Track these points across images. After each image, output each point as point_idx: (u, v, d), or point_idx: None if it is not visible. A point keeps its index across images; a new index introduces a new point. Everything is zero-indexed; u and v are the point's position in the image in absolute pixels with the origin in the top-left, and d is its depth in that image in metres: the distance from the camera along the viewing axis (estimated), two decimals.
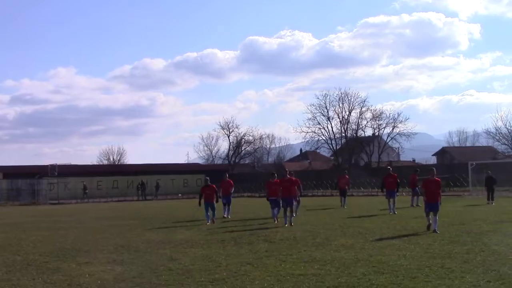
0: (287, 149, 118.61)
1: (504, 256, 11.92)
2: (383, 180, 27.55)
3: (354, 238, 16.23)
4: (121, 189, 67.75)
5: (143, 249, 15.25)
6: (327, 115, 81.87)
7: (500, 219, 20.75)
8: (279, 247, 14.82)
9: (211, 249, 14.89)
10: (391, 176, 26.77)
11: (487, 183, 33.29)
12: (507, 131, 67.93)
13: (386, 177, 27.08)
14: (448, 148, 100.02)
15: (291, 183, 21.56)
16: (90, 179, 67.71)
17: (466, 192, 43.34)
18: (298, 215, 25.01)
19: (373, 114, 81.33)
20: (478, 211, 25.72)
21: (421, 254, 12.53)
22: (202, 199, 23.71)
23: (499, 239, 14.86)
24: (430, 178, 18.02)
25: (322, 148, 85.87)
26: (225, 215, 25.68)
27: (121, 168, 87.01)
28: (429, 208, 17.51)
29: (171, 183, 71.44)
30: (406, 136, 79.48)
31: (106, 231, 21.67)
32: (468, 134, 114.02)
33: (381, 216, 24.27)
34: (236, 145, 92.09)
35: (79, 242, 17.54)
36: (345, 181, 33.28)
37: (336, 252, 13.42)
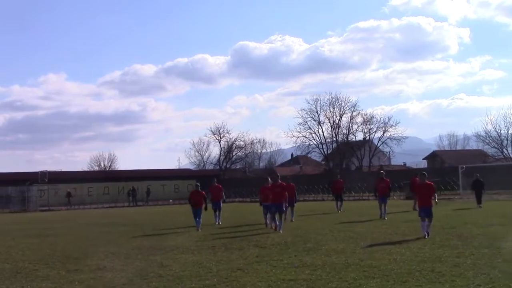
0: (278, 154, 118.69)
1: (494, 259, 11.94)
2: (375, 185, 27.31)
3: (344, 242, 16.22)
4: (112, 195, 67.55)
5: (134, 256, 15.19)
6: (318, 119, 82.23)
7: (490, 223, 20.79)
8: (270, 252, 14.79)
9: (202, 255, 14.84)
10: (384, 181, 26.45)
11: (474, 187, 33.07)
12: (496, 135, 68.33)
13: (378, 182, 26.78)
14: (439, 152, 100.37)
15: (283, 189, 21.19)
16: (80, 186, 67.56)
17: (456, 195, 43.47)
18: (293, 220, 25.08)
19: (364, 118, 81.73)
20: (468, 215, 25.77)
21: (412, 258, 12.53)
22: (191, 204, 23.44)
23: (489, 242, 14.87)
24: (422, 182, 17.75)
25: (313, 152, 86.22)
26: (216, 222, 25.38)
27: (112, 174, 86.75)
28: (424, 213, 17.01)
29: (162, 188, 71.27)
30: (396, 140, 79.88)
31: (97, 237, 21.60)
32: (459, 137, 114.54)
33: (372, 220, 24.26)
34: (227, 150, 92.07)
35: (69, 249, 17.46)
36: (339, 185, 32.97)
37: (327, 257, 13.40)
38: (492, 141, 69.02)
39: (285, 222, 24.11)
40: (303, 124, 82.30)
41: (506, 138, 68.05)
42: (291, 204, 25.55)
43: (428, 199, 17.30)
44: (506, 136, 68.09)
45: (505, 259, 11.95)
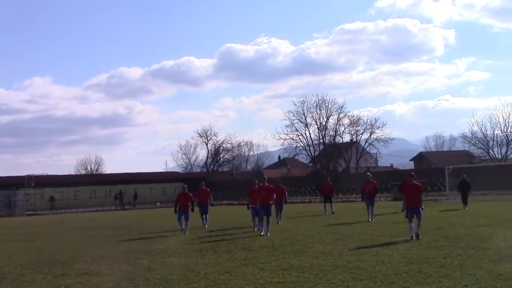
0: (266, 156, 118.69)
1: (481, 260, 11.99)
2: (362, 187, 27.04)
3: (332, 244, 16.24)
4: (99, 199, 67.25)
5: (121, 259, 15.12)
6: (305, 121, 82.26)
7: (476, 223, 20.89)
8: (257, 255, 14.78)
9: (189, 258, 14.80)
10: (371, 183, 26.32)
11: (461, 188, 32.93)
12: (482, 136, 68.63)
13: (365, 184, 26.58)
14: (425, 153, 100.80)
15: (270, 191, 21.19)
16: (67, 189, 67.18)
17: (443, 196, 43.65)
18: (281, 223, 24.95)
19: (351, 120, 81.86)
20: (455, 216, 25.88)
21: (399, 260, 12.56)
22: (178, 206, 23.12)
23: (476, 243, 14.94)
24: (409, 182, 17.66)
25: (300, 154, 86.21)
26: (204, 225, 25.19)
27: (99, 177, 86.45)
28: (411, 213, 16.92)
29: (150, 192, 71.06)
30: (383, 141, 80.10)
31: (83, 241, 21.50)
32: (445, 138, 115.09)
33: (359, 222, 24.30)
34: (214, 153, 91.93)
35: (55, 254, 17.35)
36: (329, 187, 32.84)
37: (314, 259, 13.41)
38: (478, 142, 69.38)
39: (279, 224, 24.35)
40: (290, 126, 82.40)
41: (492, 139, 68.43)
42: (280, 207, 25.54)
43: (416, 200, 17.12)
44: (491, 137, 68.50)
45: (492, 259, 12.00)
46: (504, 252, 12.97)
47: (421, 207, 17.27)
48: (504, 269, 10.75)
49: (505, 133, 67.29)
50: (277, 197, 25.21)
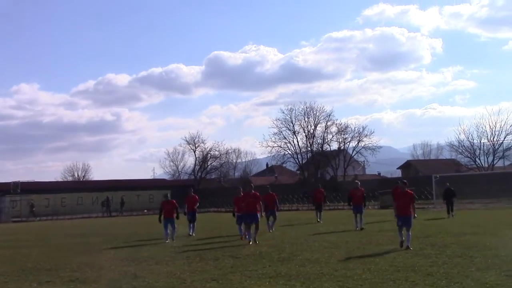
0: (254, 163, 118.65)
1: (467, 268, 12.03)
2: (350, 194, 26.33)
3: (319, 252, 16.24)
4: (86, 206, 66.90)
5: (107, 267, 15.05)
6: (293, 129, 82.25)
7: (463, 232, 20.96)
8: (244, 262, 14.75)
9: (176, 265, 14.76)
10: (359, 190, 25.74)
11: (445, 196, 32.74)
12: (469, 144, 68.90)
13: (353, 191, 25.97)
14: (413, 161, 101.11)
15: (256, 199, 20.69)
16: (54, 196, 66.80)
17: (430, 205, 43.77)
18: (272, 230, 24.84)
19: (338, 128, 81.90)
20: (441, 224, 25.98)
21: (386, 268, 12.58)
22: (162, 215, 22.81)
23: (462, 251, 15.00)
24: (400, 190, 17.29)
25: (288, 162, 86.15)
26: (191, 233, 24.94)
27: (86, 184, 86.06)
28: (402, 222, 16.45)
29: (137, 199, 70.81)
30: (371, 149, 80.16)
31: (70, 249, 21.39)
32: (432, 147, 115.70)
33: (347, 230, 24.33)
34: (202, 160, 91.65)
35: (41, 261, 17.23)
36: (320, 194, 32.33)
37: (301, 267, 13.40)
38: (465, 150, 69.61)
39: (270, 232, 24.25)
40: (278, 134, 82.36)
41: (479, 147, 68.70)
42: (273, 214, 25.27)
43: (408, 208, 16.70)
44: (478, 145, 68.77)
45: (478, 268, 12.04)
46: (490, 260, 13.01)
47: (414, 215, 16.99)
48: (490, 278, 10.80)
49: (491, 142, 67.61)
50: (269, 205, 25.32)
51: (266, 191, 26.42)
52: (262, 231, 21.45)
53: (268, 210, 25.22)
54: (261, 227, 20.87)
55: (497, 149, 67.50)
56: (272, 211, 25.26)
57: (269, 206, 25.38)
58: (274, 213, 25.35)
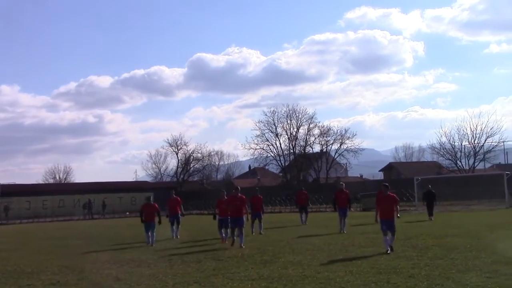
0: (236, 166, 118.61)
1: (448, 270, 12.11)
2: (335, 197, 25.78)
3: (301, 254, 16.26)
4: (67, 208, 66.42)
5: (89, 270, 14.96)
6: (276, 131, 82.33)
7: (444, 233, 21.08)
8: (226, 265, 14.74)
9: (158, 268, 14.71)
10: (344, 193, 25.29)
11: (426, 198, 32.61)
12: (451, 147, 69.35)
13: (338, 194, 25.46)
14: (395, 164, 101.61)
15: (242, 202, 20.11)
16: (35, 199, 66.30)
17: (412, 207, 44.00)
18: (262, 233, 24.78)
19: (321, 130, 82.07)
20: (423, 226, 26.12)
21: (368, 270, 12.62)
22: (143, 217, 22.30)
23: (444, 253, 15.10)
24: (383, 193, 16.70)
25: (270, 164, 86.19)
26: (174, 236, 24.57)
27: (68, 187, 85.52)
28: (386, 226, 16.10)
29: (119, 201, 70.46)
30: (353, 152, 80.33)
31: (51, 251, 21.23)
32: (414, 149, 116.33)
33: (329, 232, 24.37)
34: (185, 162, 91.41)
35: (21, 264, 17.09)
36: (304, 196, 32.05)
37: (283, 269, 13.41)
38: (447, 153, 70.02)
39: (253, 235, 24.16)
40: (260, 136, 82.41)
41: (460, 150, 69.18)
42: (259, 217, 25.42)
43: (391, 212, 16.24)
44: (459, 148, 69.25)
45: (459, 270, 12.12)
46: (471, 262, 13.11)
47: (397, 215, 16.51)
48: (471, 280, 10.87)
49: (472, 145, 68.14)
50: (256, 207, 25.56)
51: (254, 193, 26.51)
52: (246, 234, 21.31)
53: (254, 212, 25.37)
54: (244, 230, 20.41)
55: (478, 151, 68.03)
56: (259, 214, 25.36)
57: (256, 209, 25.54)
58: (260, 215, 25.47)
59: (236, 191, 20.66)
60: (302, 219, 31.06)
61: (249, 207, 22.63)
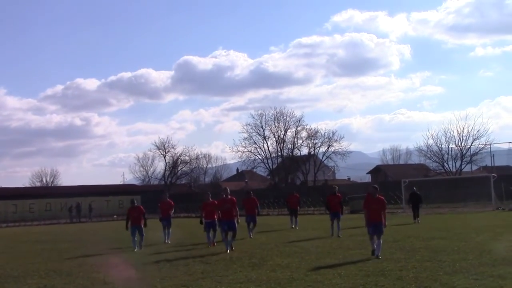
0: (224, 168, 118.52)
1: (436, 272, 12.14)
2: (327, 200, 24.92)
3: (290, 257, 16.26)
4: (54, 212, 66.23)
5: (76, 273, 14.88)
6: (263, 134, 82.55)
7: (431, 236, 21.16)
8: (215, 268, 14.71)
9: (146, 271, 14.66)
10: (336, 196, 24.37)
11: (411, 200, 32.34)
12: (438, 149, 69.67)
13: (331, 197, 24.52)
14: (382, 166, 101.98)
15: (233, 204, 19.35)
16: (22, 202, 65.98)
17: (399, 209, 44.13)
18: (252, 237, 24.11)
19: (308, 133, 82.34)
20: (410, 228, 26.20)
21: (356, 272, 12.63)
22: (129, 222, 21.61)
23: (431, 255, 15.14)
24: (372, 196, 16.22)
25: (258, 167, 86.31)
26: (166, 240, 23.73)
27: (54, 190, 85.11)
28: (373, 229, 15.61)
29: (106, 204, 70.25)
30: (341, 154, 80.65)
31: (38, 255, 21.11)
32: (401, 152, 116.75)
33: (317, 235, 24.40)
34: (172, 165, 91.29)
35: (8, 268, 16.99)
36: (295, 199, 31.20)
37: (272, 272, 13.40)
38: (434, 155, 70.35)
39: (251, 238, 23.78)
40: (248, 139, 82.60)
41: (447, 152, 69.52)
42: (253, 220, 25.01)
43: (378, 215, 15.72)
44: (446, 150, 69.58)
45: (446, 272, 12.16)
46: (458, 264, 13.16)
47: (384, 224, 15.85)
48: (458, 282, 10.92)
49: (459, 147, 68.46)
50: (250, 209, 25.17)
51: (248, 195, 26.09)
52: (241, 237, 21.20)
53: (248, 215, 25.03)
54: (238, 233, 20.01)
55: (464, 154, 68.38)
56: (253, 216, 24.98)
57: (249, 211, 25.16)
58: (254, 218, 25.08)
59: (226, 192, 19.72)
60: (291, 223, 30.38)
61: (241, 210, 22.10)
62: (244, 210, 25.18)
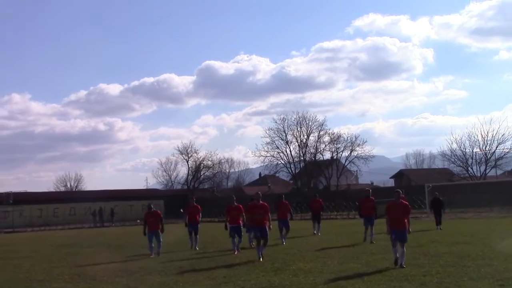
0: (246, 173, 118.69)
1: (460, 278, 12.03)
2: (360, 204, 24.22)
3: (312, 262, 16.22)
4: (78, 216, 66.64)
5: (100, 278, 14.97)
6: (286, 139, 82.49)
7: (456, 241, 20.98)
8: (237, 273, 14.71)
9: (168, 276, 14.70)
10: (370, 200, 23.50)
11: (433, 206, 31.22)
12: (462, 154, 69.12)
13: (364, 201, 23.77)
14: (405, 171, 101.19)
15: (265, 210, 18.24)
16: (46, 206, 66.55)
17: (423, 214, 43.82)
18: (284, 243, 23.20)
19: (331, 137, 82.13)
20: (434, 233, 26.01)
21: (379, 278, 12.57)
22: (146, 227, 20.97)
23: (455, 260, 15.01)
24: (395, 201, 15.31)
25: (281, 172, 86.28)
26: (194, 247, 22.87)
27: (78, 194, 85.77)
28: (395, 236, 14.69)
29: (130, 209, 70.56)
30: (364, 159, 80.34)
31: (62, 259, 21.28)
32: (425, 156, 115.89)
33: (340, 239, 24.31)
34: (195, 170, 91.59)
35: (33, 271, 17.17)
36: (318, 204, 29.83)
37: (294, 276, 13.38)
38: (458, 159, 69.84)
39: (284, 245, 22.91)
40: (270, 144, 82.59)
41: (471, 157, 68.95)
42: (286, 225, 24.14)
43: (402, 221, 14.82)
44: (471, 155, 69.02)
45: (471, 277, 12.05)
46: (483, 270, 13.02)
47: (409, 230, 14.97)
48: (483, 287, 10.80)
49: (483, 151, 67.87)
50: (282, 214, 24.44)
51: (279, 199, 25.21)
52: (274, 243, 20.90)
53: (280, 220, 24.30)
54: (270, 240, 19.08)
55: (489, 158, 67.81)
56: (285, 221, 24.20)
57: (281, 215, 24.49)
58: (287, 223, 24.27)
59: (258, 197, 18.68)
60: (314, 229, 29.13)
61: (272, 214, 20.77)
62: (276, 214, 24.38)
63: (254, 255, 18.59)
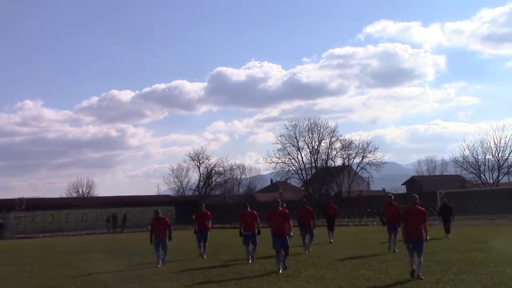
0: (258, 179, 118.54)
1: (473, 285, 11.99)
2: (383, 210, 22.99)
3: (324, 268, 16.19)
4: (90, 222, 66.85)
5: (111, 284, 15.03)
6: (297, 145, 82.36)
7: (468, 248, 20.87)
8: (249, 280, 14.71)
9: (180, 282, 14.73)
10: (393, 206, 22.22)
11: (441, 213, 29.91)
12: (474, 160, 68.75)
13: (387, 207, 22.43)
14: (417, 177, 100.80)
15: (286, 218, 17.14)
16: (58, 212, 66.81)
17: (435, 221, 43.59)
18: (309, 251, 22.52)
19: (343, 144, 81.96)
20: (446, 240, 25.89)
21: (391, 285, 12.54)
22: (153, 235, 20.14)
23: (468, 268, 14.94)
24: (411, 207, 14.50)
25: (292, 178, 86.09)
26: (202, 255, 22.12)
27: (91, 200, 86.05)
28: (412, 245, 13.91)
29: (141, 215, 70.62)
30: (375, 165, 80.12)
31: (74, 265, 21.36)
32: (437, 163, 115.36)
33: (351, 246, 24.24)
34: (207, 176, 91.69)
35: (45, 278, 17.23)
36: (333, 211, 29.02)
37: (306, 283, 13.37)
38: (470, 166, 69.42)
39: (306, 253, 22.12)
40: (282, 150, 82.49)
41: (484, 163, 68.55)
42: (310, 232, 22.97)
43: (419, 229, 14.11)
44: (483, 161, 68.63)
45: (484, 285, 12.00)
46: (496, 277, 12.96)
47: (426, 238, 14.25)
48: None
49: (496, 158, 67.50)
50: (305, 221, 23.19)
51: (303, 205, 24.22)
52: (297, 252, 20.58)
53: (303, 227, 23.11)
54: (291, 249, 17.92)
55: (502, 165, 67.39)
56: (308, 229, 22.97)
57: (305, 222, 23.19)
58: (310, 230, 23.03)
59: (277, 204, 17.47)
60: (329, 237, 27.73)
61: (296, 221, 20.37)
62: (298, 221, 23.63)
63: (265, 262, 18.57)
